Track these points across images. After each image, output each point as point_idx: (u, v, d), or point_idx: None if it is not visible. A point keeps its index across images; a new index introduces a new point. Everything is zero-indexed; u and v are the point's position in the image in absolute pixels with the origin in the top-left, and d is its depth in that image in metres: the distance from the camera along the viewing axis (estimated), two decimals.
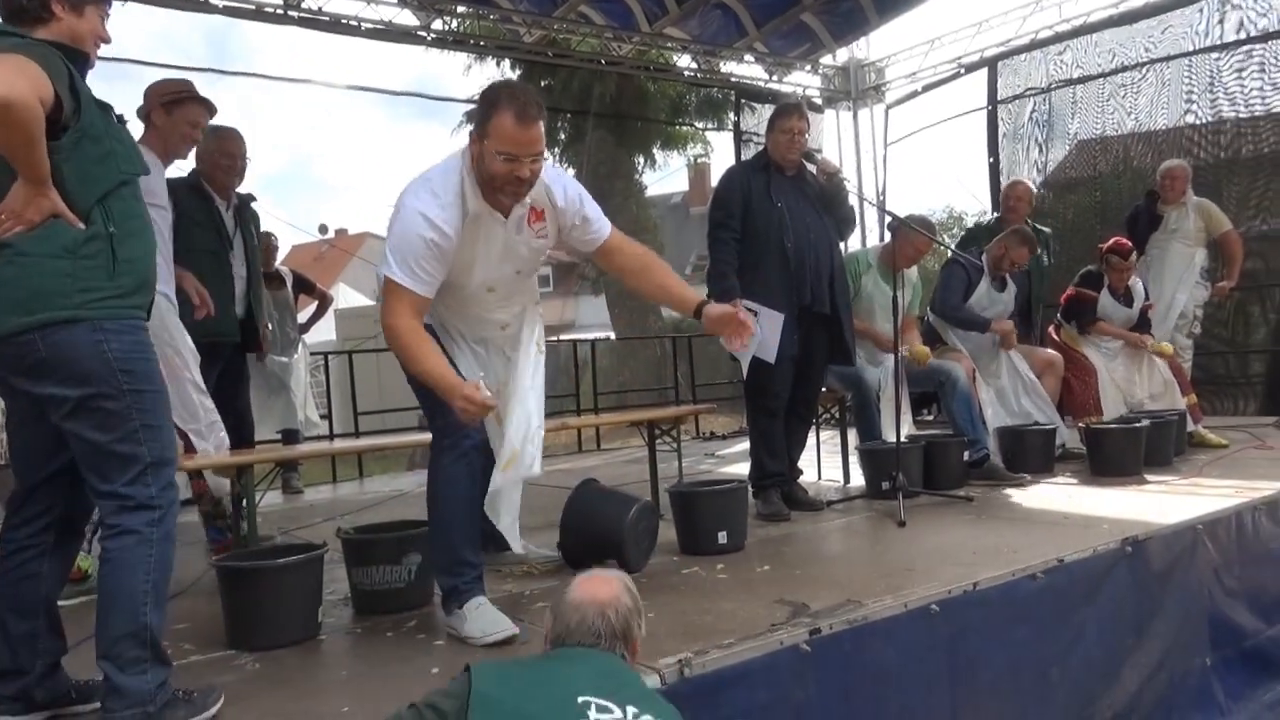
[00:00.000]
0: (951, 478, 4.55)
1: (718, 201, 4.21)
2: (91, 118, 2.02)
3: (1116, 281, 5.57)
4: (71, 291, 1.98)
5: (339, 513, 5.06)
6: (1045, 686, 2.89)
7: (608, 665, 1.80)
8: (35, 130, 1.79)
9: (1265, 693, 3.58)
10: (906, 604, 2.65)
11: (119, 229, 2.05)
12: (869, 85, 9.78)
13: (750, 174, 4.20)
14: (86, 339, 1.99)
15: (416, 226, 2.45)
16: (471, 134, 2.53)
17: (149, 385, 2.08)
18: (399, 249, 2.46)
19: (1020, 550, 3.16)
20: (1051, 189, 8.68)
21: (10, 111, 1.75)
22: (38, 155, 1.82)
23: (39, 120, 1.80)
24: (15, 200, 1.85)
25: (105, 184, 2.04)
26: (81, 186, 1.99)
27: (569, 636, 1.86)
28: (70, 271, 1.98)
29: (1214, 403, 7.21)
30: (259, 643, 2.61)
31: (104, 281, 2.02)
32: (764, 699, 2.30)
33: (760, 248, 4.08)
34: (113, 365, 2.01)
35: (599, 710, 1.62)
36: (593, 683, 1.70)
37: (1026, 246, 5.19)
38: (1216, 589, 3.54)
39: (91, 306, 2.00)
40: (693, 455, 7.04)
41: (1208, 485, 4.28)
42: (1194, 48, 7.56)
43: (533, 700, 1.65)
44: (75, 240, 1.98)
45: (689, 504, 3.58)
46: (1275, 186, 7.24)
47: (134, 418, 2.03)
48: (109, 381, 2.00)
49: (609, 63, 8.83)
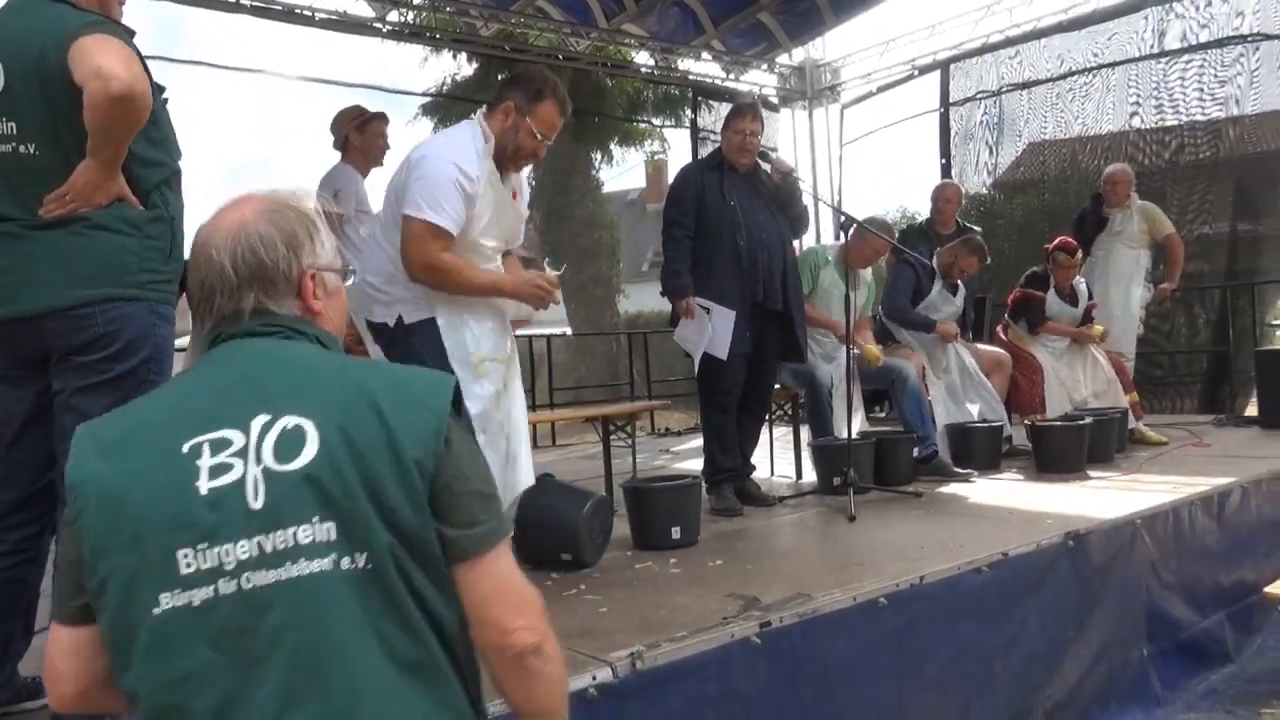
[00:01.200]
0: (902, 474, 4.62)
1: (672, 199, 4.24)
2: (155, 100, 1.98)
3: (1062, 280, 5.70)
4: (137, 270, 1.95)
5: None
6: (989, 677, 2.96)
7: (268, 356, 1.24)
8: (144, 119, 1.77)
9: (1199, 683, 3.69)
10: (855, 597, 2.69)
11: (175, 215, 2.03)
12: (824, 85, 9.87)
13: (704, 172, 4.23)
14: (144, 319, 1.96)
15: (447, 171, 2.65)
16: (510, 105, 2.78)
17: (163, 379, 2.03)
18: (428, 192, 2.63)
19: (966, 545, 3.23)
20: (1001, 190, 8.85)
21: (135, 102, 1.72)
22: (128, 144, 1.79)
23: (149, 109, 1.78)
24: (84, 183, 1.81)
25: (164, 169, 2.02)
26: (144, 170, 1.96)
27: (208, 312, 1.27)
28: (137, 250, 1.95)
29: (1155, 401, 7.41)
30: None
31: (162, 265, 1.99)
32: (715, 691, 2.33)
33: (713, 245, 4.11)
34: (156, 351, 1.98)
35: (214, 451, 1.14)
36: (227, 399, 1.18)
37: (976, 255, 5.30)
38: (1154, 582, 3.64)
39: (151, 288, 1.97)
40: (648, 451, 7.06)
41: (1147, 481, 4.40)
42: (1139, 54, 7.76)
43: (134, 458, 1.16)
44: (143, 219, 1.95)
45: (643, 499, 3.60)
46: (1216, 191, 7.45)
47: None
48: (144, 366, 1.97)
49: (566, 58, 8.81)
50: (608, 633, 2.46)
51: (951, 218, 5.96)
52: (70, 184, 1.82)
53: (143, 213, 1.94)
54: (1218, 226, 7.48)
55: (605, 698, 2.14)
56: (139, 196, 1.93)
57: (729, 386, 4.18)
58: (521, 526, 3.32)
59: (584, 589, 2.98)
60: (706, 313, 4.06)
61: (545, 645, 1.23)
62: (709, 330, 4.06)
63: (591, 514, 3.27)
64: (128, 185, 1.89)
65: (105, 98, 1.74)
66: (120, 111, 1.76)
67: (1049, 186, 8.53)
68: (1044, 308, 5.69)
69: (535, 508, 3.31)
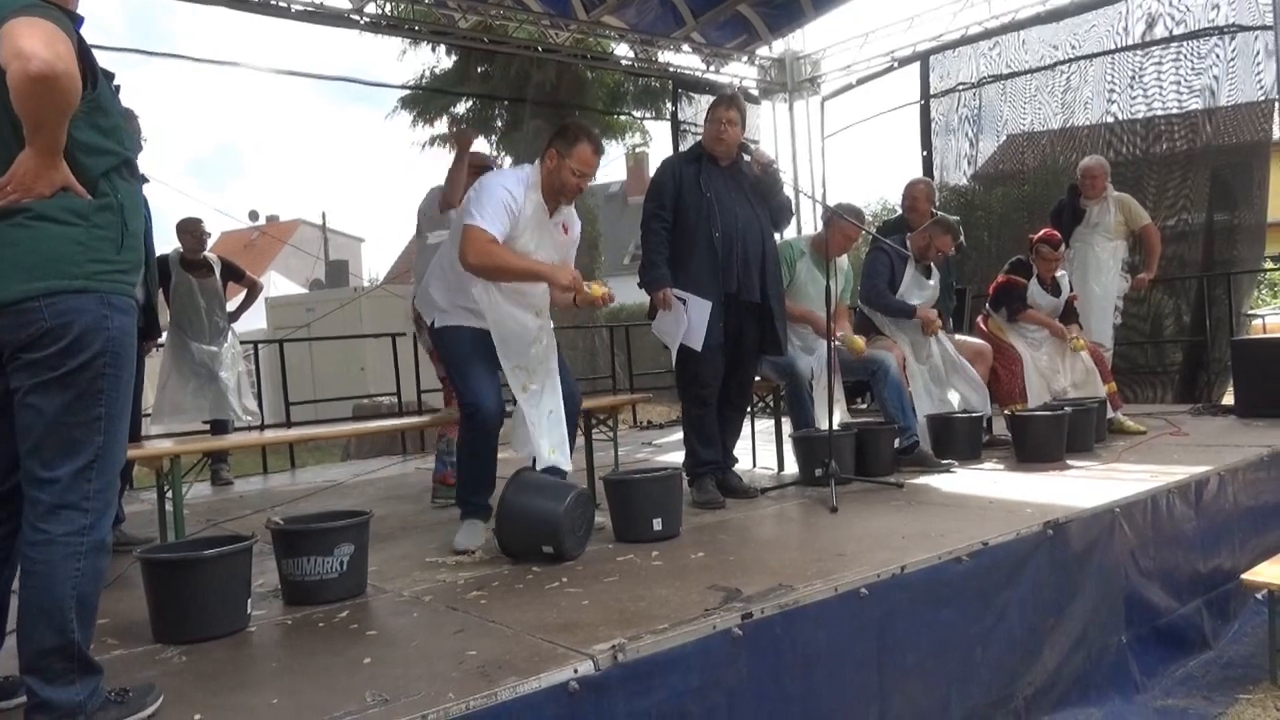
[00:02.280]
0: (883, 465, 4.64)
1: (651, 192, 4.25)
2: (102, 87, 1.93)
3: (1045, 271, 5.74)
4: (84, 260, 1.89)
5: (270, 504, 4.97)
6: (969, 666, 2.97)
7: None
8: (74, 102, 1.71)
9: (1177, 669, 3.72)
10: (837, 588, 2.70)
11: (126, 203, 1.97)
12: (805, 77, 9.89)
13: (683, 165, 4.24)
14: (94, 311, 1.90)
15: (497, 190, 3.41)
16: (553, 152, 3.49)
17: (126, 373, 1.99)
18: (480, 203, 3.37)
19: (947, 534, 3.24)
20: (981, 182, 8.89)
21: (57, 83, 1.66)
22: (64, 128, 1.74)
23: (78, 92, 1.72)
24: (25, 172, 1.76)
25: (113, 158, 1.96)
26: (90, 159, 1.91)
27: None
28: (83, 240, 1.89)
29: (1133, 391, 7.48)
30: (185, 636, 2.56)
31: (112, 254, 1.94)
32: (697, 682, 2.33)
33: (689, 238, 4.12)
34: (109, 344, 1.93)
35: None
36: None
37: (949, 234, 5.33)
38: (1132, 569, 3.67)
39: (100, 279, 1.92)
40: (630, 444, 7.07)
41: (1125, 470, 4.44)
42: (1116, 47, 7.80)
43: None
44: (89, 208, 1.89)
45: (624, 492, 3.60)
46: (1192, 182, 7.51)
47: (102, 404, 1.94)
48: (99, 359, 1.91)
49: (546, 50, 8.78)
50: (589, 625, 2.45)
51: (926, 213, 5.98)
52: (10, 174, 1.77)
53: (89, 202, 1.89)
54: (1194, 217, 7.54)
55: (587, 690, 2.13)
56: (86, 185, 1.88)
57: (707, 379, 4.18)
58: (503, 519, 3.32)
59: (566, 582, 2.97)
60: (683, 304, 4.07)
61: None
62: (685, 321, 4.06)
63: (573, 507, 3.26)
64: (73, 174, 1.84)
65: (24, 78, 1.69)
66: (42, 92, 1.70)
67: (1028, 178, 8.58)
68: (1025, 295, 5.73)
69: (517, 501, 3.30)
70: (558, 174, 3.48)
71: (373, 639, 2.52)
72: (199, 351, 5.98)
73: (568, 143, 3.48)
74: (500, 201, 3.37)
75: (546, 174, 3.50)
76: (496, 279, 3.41)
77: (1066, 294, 5.82)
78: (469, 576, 3.14)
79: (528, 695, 2.05)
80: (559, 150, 3.48)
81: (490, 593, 2.91)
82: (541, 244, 3.52)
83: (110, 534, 2.02)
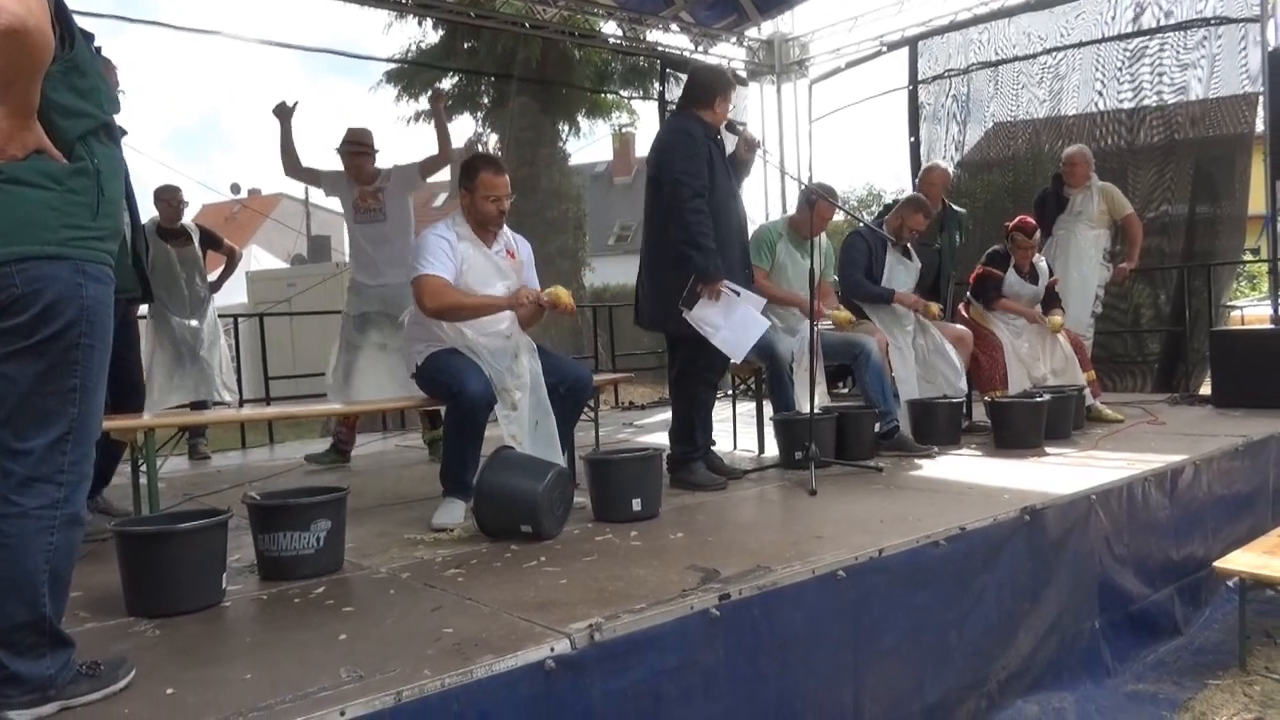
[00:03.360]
0: (863, 449, 4.65)
1: (687, 167, 3.89)
2: (80, 47, 1.88)
3: (1021, 259, 5.76)
4: (57, 226, 1.84)
5: (248, 479, 4.94)
6: (944, 648, 2.99)
7: None
8: (45, 59, 1.65)
9: (1148, 654, 3.77)
10: (815, 570, 2.70)
11: (104, 168, 1.92)
12: (793, 60, 9.84)
13: (708, 142, 4.02)
14: (68, 279, 1.85)
15: (432, 239, 3.69)
16: (463, 191, 3.73)
17: (102, 343, 1.94)
18: (423, 254, 3.64)
19: (925, 519, 3.25)
20: (967, 169, 8.89)
21: (28, 38, 1.60)
22: (36, 87, 1.69)
23: (50, 48, 1.67)
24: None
25: (90, 121, 1.91)
26: (67, 121, 1.85)
27: None
28: (57, 205, 1.84)
29: (1113, 380, 7.53)
30: (159, 609, 2.54)
31: (88, 221, 1.89)
32: (673, 662, 2.33)
33: (722, 223, 3.99)
34: (83, 313, 1.88)
35: None
36: None
37: (921, 212, 5.36)
38: (1107, 556, 3.71)
39: (75, 245, 1.86)
40: (611, 424, 7.06)
41: (1102, 458, 4.47)
42: (1103, 36, 7.81)
43: None
44: (63, 172, 1.84)
45: (604, 472, 3.59)
46: (1175, 172, 7.54)
47: (77, 375, 1.89)
48: (73, 329, 1.87)
49: (533, 26, 8.70)
50: (567, 604, 2.45)
51: (939, 199, 5.97)
52: None
53: (64, 166, 1.84)
54: (1176, 208, 7.58)
55: (563, 669, 2.13)
56: (61, 149, 1.83)
57: (720, 364, 4.21)
58: (481, 498, 3.31)
59: (544, 560, 2.97)
60: (736, 295, 3.95)
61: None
62: (741, 316, 3.95)
63: (551, 486, 3.25)
64: (48, 137, 1.80)
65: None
66: (13, 48, 1.64)
67: (1014, 167, 8.59)
68: (1000, 285, 5.75)
69: (495, 480, 3.29)
70: (474, 207, 3.73)
71: (349, 615, 2.51)
72: (180, 327, 5.91)
73: (469, 177, 3.72)
74: (439, 249, 3.64)
75: (467, 212, 3.75)
76: (457, 318, 3.64)
77: (1046, 280, 5.85)
78: (447, 554, 3.13)
79: (504, 673, 2.05)
80: (466, 188, 3.73)
81: (468, 571, 2.90)
82: (488, 277, 3.75)
83: (84, 507, 1.99)
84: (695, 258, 3.86)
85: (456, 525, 3.45)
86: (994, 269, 5.80)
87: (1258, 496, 4.77)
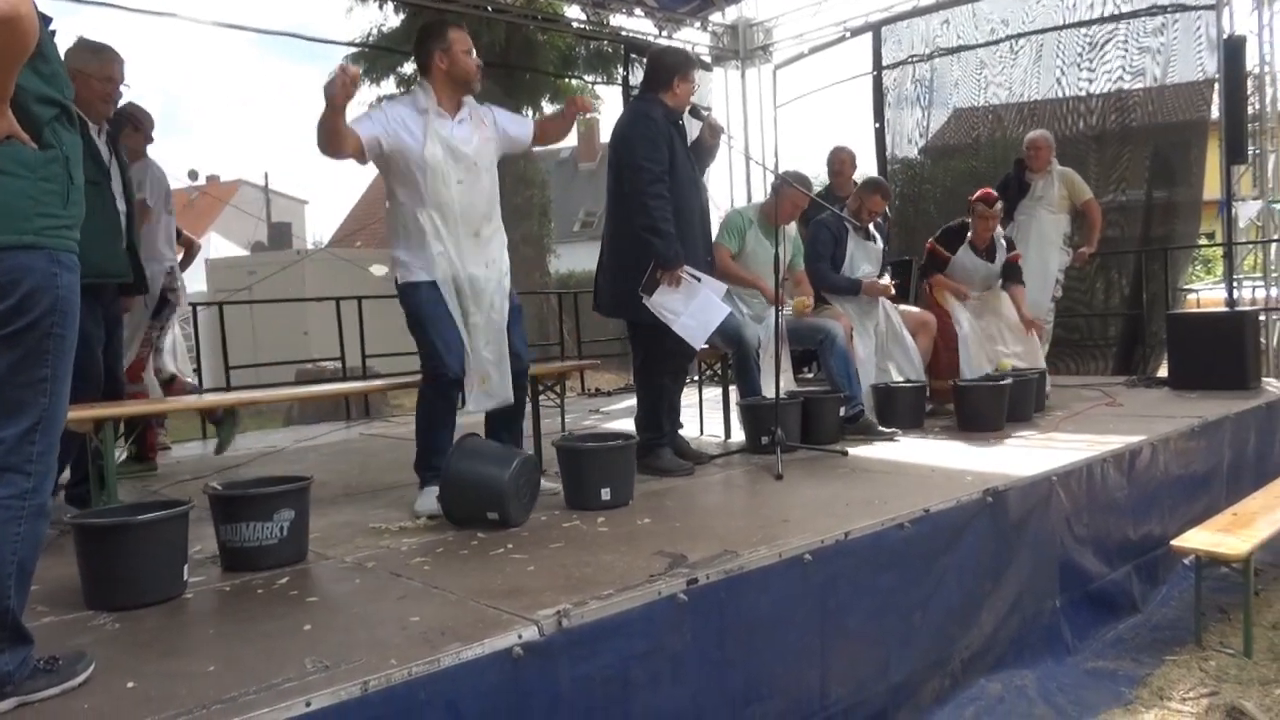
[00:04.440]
0: (828, 433, 4.68)
1: (648, 152, 3.87)
2: (42, 31, 1.83)
3: (981, 230, 5.76)
4: (32, 215, 1.81)
5: (208, 470, 4.87)
6: (908, 629, 3.03)
7: None
8: (32, 45, 1.62)
9: (1108, 631, 3.84)
10: (781, 554, 2.72)
11: (71, 154, 1.89)
12: (757, 45, 9.84)
13: (668, 125, 4.01)
14: (43, 268, 1.82)
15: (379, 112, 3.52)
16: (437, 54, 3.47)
17: (70, 332, 1.91)
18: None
19: (890, 501, 3.28)
20: (930, 155, 8.96)
21: (19, 24, 1.57)
22: (15, 74, 1.65)
23: (36, 34, 1.63)
24: None
25: (54, 107, 1.87)
26: (36, 107, 1.82)
27: None
28: (32, 194, 1.81)
29: (1074, 362, 7.66)
30: (118, 602, 2.50)
31: (59, 209, 1.86)
32: (641, 648, 2.34)
33: (684, 208, 3.98)
34: (57, 303, 1.85)
35: None
36: None
37: (878, 192, 5.41)
38: (1067, 536, 3.77)
39: (48, 234, 1.84)
40: (577, 411, 7.05)
41: (1063, 439, 4.54)
42: (1063, 23, 7.89)
43: None
44: (37, 160, 1.81)
45: (576, 459, 3.56)
46: (1133, 157, 7.66)
47: (48, 364, 1.87)
48: (47, 318, 1.84)
49: (496, 10, 8.64)
50: (534, 591, 2.44)
51: (849, 179, 6.02)
52: None
53: (38, 153, 1.82)
54: (1134, 193, 7.70)
55: (531, 656, 2.12)
56: (31, 135, 1.81)
57: (690, 352, 4.19)
58: (447, 485, 3.28)
59: (511, 548, 2.96)
60: (697, 281, 3.94)
61: None
62: (701, 301, 3.93)
63: (518, 473, 3.24)
64: (18, 124, 1.77)
65: None
66: (5, 34, 1.62)
67: (978, 151, 8.66)
68: (943, 264, 5.78)
69: (461, 467, 3.27)
70: (455, 66, 3.48)
71: (313, 605, 2.49)
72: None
73: (439, 38, 3.50)
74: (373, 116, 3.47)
75: (444, 77, 3.49)
76: (328, 138, 3.24)
77: (1004, 256, 5.87)
78: (412, 543, 3.11)
79: (471, 661, 2.04)
80: (439, 50, 3.48)
81: (434, 559, 2.89)
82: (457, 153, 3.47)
83: (50, 499, 1.96)
84: (655, 243, 3.86)
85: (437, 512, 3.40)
86: (942, 248, 5.83)
87: (1212, 476, 4.87)
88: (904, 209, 8.81)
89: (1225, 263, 7.25)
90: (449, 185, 3.44)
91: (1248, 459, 5.21)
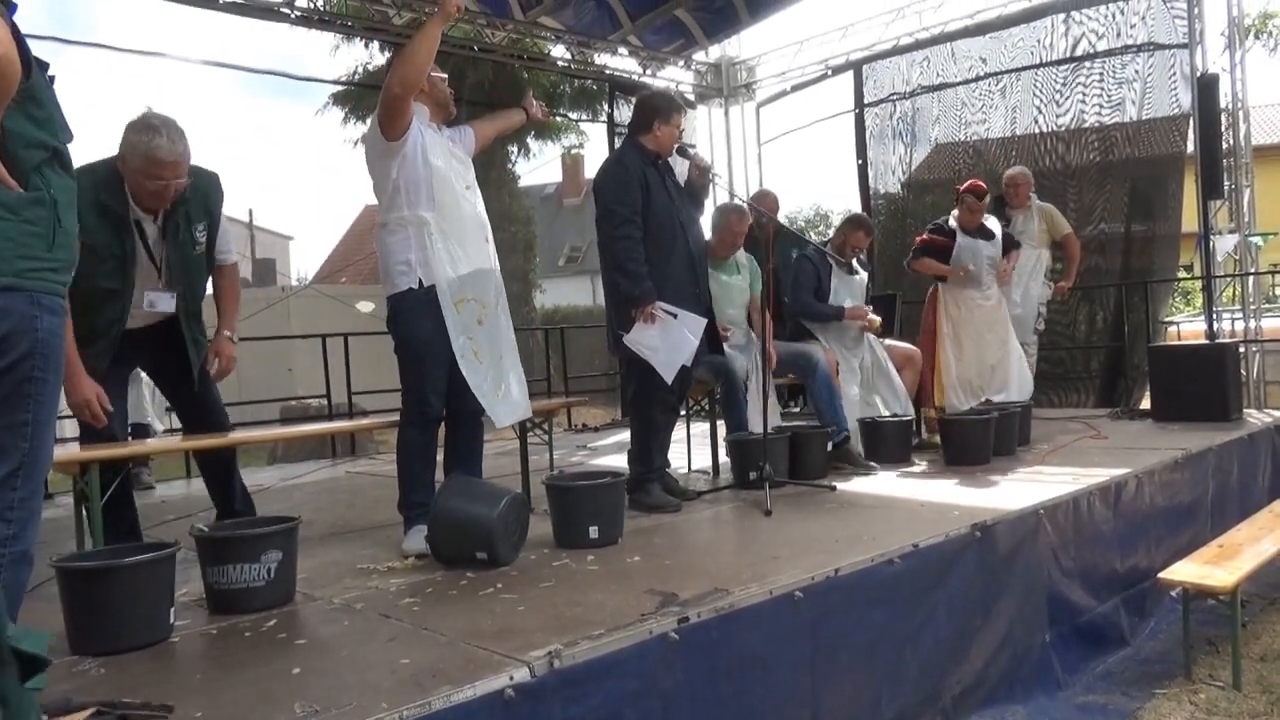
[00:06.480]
0: (816, 468, 4.69)
1: (617, 195, 4.01)
2: (36, 76, 1.85)
3: (969, 221, 5.74)
4: (12, 257, 1.80)
5: (194, 510, 4.83)
6: (900, 665, 3.02)
7: None
8: (12, 89, 1.63)
9: (1097, 665, 3.84)
10: (772, 591, 2.72)
11: (60, 198, 1.89)
12: (740, 83, 9.98)
13: (645, 168, 4.08)
14: (23, 311, 1.82)
15: None
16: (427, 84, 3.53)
17: (55, 376, 1.90)
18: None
19: (879, 537, 3.29)
20: (912, 190, 9.08)
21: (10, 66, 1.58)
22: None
23: (18, 77, 1.64)
24: None
25: (44, 151, 1.88)
26: (22, 150, 1.82)
27: None
28: (13, 235, 1.80)
29: (1057, 395, 7.71)
30: (104, 647, 2.47)
31: (43, 252, 1.85)
32: (633, 687, 2.32)
33: (664, 246, 4.04)
34: (37, 345, 1.84)
35: None
36: None
37: (862, 229, 5.51)
38: (1055, 569, 3.77)
39: (29, 276, 1.83)
40: (565, 447, 7.04)
41: (1049, 472, 4.56)
42: (1041, 61, 8.05)
43: None
44: (19, 201, 1.81)
45: (566, 497, 3.55)
46: (1112, 192, 7.78)
47: (29, 409, 1.85)
48: (26, 361, 1.83)
49: (482, 49, 8.71)
50: (525, 631, 2.43)
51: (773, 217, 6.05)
52: None
53: (20, 195, 1.81)
54: (1113, 226, 7.81)
55: (523, 698, 2.11)
56: (16, 178, 1.80)
57: (678, 387, 4.20)
58: (436, 524, 3.27)
59: (500, 588, 2.94)
60: (673, 318, 3.98)
61: None
62: (674, 336, 3.97)
63: (506, 512, 3.23)
64: (4, 166, 1.78)
65: None
66: None
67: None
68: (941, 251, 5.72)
69: (450, 506, 3.26)
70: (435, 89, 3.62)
71: (302, 648, 2.46)
72: None
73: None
74: None
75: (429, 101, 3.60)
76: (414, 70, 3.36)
77: (1000, 234, 5.83)
78: (401, 583, 3.09)
79: (463, 704, 2.02)
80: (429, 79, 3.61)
81: (423, 600, 2.87)
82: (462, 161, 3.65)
83: (34, 545, 1.94)
84: (622, 284, 3.99)
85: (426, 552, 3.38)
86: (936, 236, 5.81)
87: (1197, 508, 4.89)
88: (886, 244, 8.90)
89: (1205, 296, 7.34)
90: (456, 190, 3.54)
91: (1231, 490, 5.24)
